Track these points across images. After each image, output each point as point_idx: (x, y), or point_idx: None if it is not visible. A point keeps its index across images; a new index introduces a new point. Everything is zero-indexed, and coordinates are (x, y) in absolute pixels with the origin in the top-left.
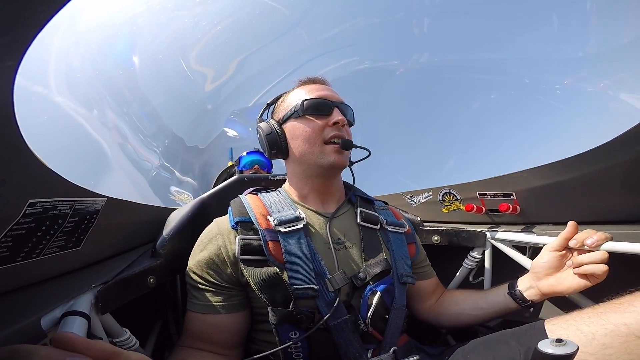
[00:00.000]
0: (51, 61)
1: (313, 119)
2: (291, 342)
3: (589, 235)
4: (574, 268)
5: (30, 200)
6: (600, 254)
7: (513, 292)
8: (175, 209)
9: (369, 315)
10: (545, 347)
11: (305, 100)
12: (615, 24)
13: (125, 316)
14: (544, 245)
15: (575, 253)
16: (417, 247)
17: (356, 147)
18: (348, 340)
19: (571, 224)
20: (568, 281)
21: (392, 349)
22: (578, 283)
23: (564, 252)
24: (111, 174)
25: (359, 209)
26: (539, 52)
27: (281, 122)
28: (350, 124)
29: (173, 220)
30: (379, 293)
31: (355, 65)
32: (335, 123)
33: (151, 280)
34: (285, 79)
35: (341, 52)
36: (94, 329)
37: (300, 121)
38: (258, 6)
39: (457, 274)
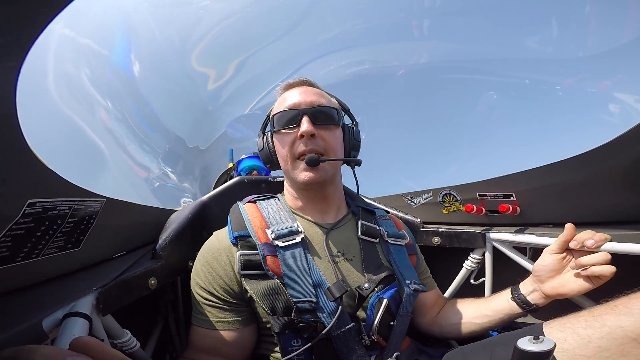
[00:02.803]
0: (50, 61)
1: (284, 132)
2: (294, 353)
3: (589, 237)
4: (580, 270)
5: (29, 200)
6: (604, 256)
7: (517, 297)
8: (176, 210)
9: (375, 322)
10: (524, 344)
11: (275, 114)
12: (615, 24)
13: (126, 317)
14: (544, 246)
15: (576, 255)
16: (418, 258)
17: (325, 160)
18: (351, 349)
19: (569, 226)
20: (571, 283)
21: (395, 354)
22: (581, 285)
23: (564, 254)
24: (111, 175)
25: (360, 222)
26: (539, 52)
27: (271, 136)
28: (332, 126)
29: (173, 222)
30: (385, 300)
31: (356, 67)
32: (302, 136)
33: (152, 282)
34: (285, 80)
35: (341, 54)
36: (95, 330)
37: (277, 136)
38: (257, 6)
39: (458, 276)
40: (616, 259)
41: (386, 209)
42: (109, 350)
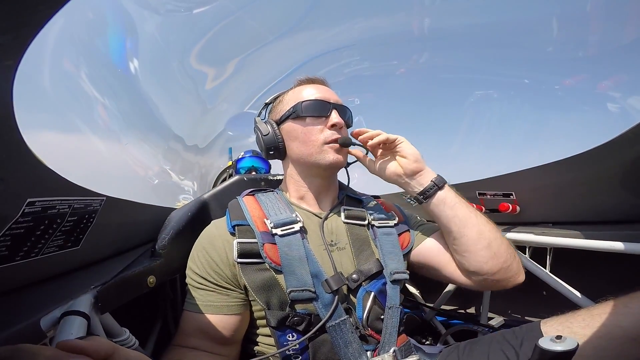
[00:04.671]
0: (46, 60)
1: (311, 120)
2: (289, 345)
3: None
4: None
5: (29, 199)
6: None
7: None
8: (175, 208)
9: (364, 315)
10: (546, 344)
11: (304, 101)
12: (615, 24)
13: (125, 316)
14: (544, 245)
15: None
16: (411, 231)
17: (355, 144)
18: (347, 342)
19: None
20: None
21: (392, 349)
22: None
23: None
24: (110, 174)
25: (342, 207)
26: (538, 52)
27: (279, 123)
28: (348, 126)
29: (173, 220)
30: (373, 293)
31: (355, 65)
32: (333, 125)
33: (151, 280)
34: (284, 79)
35: (340, 53)
36: (94, 329)
37: (298, 122)
38: (256, 8)
39: None
40: (616, 258)
41: (376, 194)
42: (92, 342)
